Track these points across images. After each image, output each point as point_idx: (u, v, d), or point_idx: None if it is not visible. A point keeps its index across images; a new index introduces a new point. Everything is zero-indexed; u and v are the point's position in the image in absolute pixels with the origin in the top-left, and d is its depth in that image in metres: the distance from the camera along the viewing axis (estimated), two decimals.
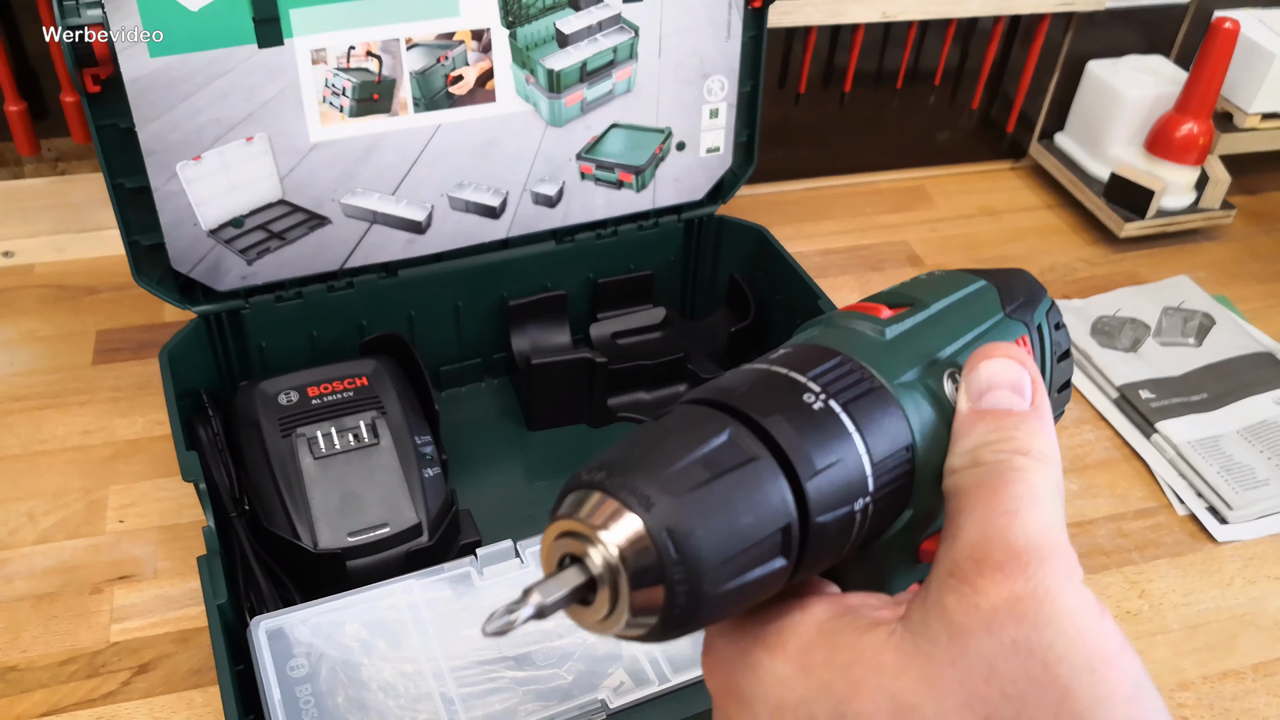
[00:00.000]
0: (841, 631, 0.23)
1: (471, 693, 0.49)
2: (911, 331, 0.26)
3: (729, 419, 0.23)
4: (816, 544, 0.23)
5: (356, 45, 0.61)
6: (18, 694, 0.56)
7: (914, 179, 1.05)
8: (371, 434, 0.60)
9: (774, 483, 0.22)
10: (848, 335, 0.26)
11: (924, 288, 0.28)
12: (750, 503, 0.22)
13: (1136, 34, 1.02)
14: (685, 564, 0.21)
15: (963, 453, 0.24)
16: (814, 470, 0.22)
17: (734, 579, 0.21)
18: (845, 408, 0.23)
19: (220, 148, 0.60)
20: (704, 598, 0.21)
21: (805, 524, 0.22)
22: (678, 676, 0.50)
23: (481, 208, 0.69)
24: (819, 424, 0.23)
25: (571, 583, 0.22)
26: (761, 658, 0.23)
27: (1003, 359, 0.25)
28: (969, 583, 0.21)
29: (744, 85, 0.72)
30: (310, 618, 0.51)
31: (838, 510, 0.23)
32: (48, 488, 0.67)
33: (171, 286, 0.64)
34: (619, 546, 0.21)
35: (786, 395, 0.23)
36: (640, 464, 0.22)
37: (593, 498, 0.22)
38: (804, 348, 0.25)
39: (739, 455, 0.22)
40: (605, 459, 0.22)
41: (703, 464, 0.22)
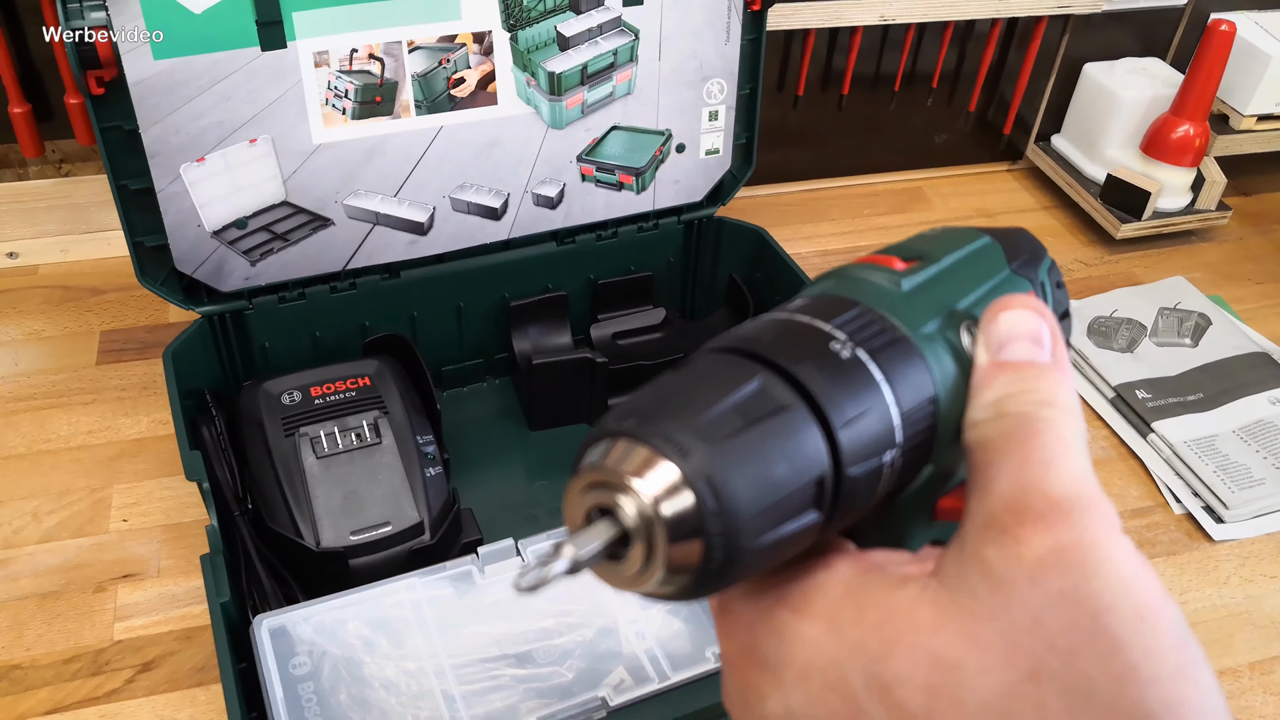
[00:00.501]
0: (870, 589, 0.22)
1: (473, 690, 0.49)
2: (927, 284, 0.26)
3: (758, 366, 0.22)
4: (848, 497, 0.22)
5: (359, 48, 0.61)
6: (22, 692, 0.56)
7: (911, 181, 1.05)
8: (374, 433, 0.61)
9: (808, 432, 0.21)
10: (865, 286, 0.25)
11: (931, 243, 0.28)
12: (785, 452, 0.21)
13: (1133, 36, 1.02)
14: (724, 515, 0.20)
15: (985, 405, 0.23)
16: (846, 419, 0.21)
17: (770, 532, 0.21)
18: (873, 356, 0.23)
19: (224, 149, 0.61)
20: (741, 552, 0.20)
21: (838, 476, 0.21)
22: (678, 674, 0.50)
23: (483, 209, 0.69)
24: (848, 373, 0.22)
25: (604, 536, 0.20)
26: (786, 619, 0.22)
27: (1022, 310, 0.25)
28: (1010, 534, 0.21)
29: (743, 88, 0.73)
30: (313, 616, 0.52)
31: (868, 462, 0.22)
32: (52, 487, 0.67)
33: (175, 287, 0.64)
34: (654, 496, 0.20)
35: (814, 343, 0.23)
36: (672, 411, 0.21)
37: (621, 445, 0.21)
38: (823, 298, 0.25)
39: (771, 403, 0.21)
40: (632, 405, 0.21)
41: (736, 412, 0.21)
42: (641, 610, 0.54)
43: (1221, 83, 0.91)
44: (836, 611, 0.22)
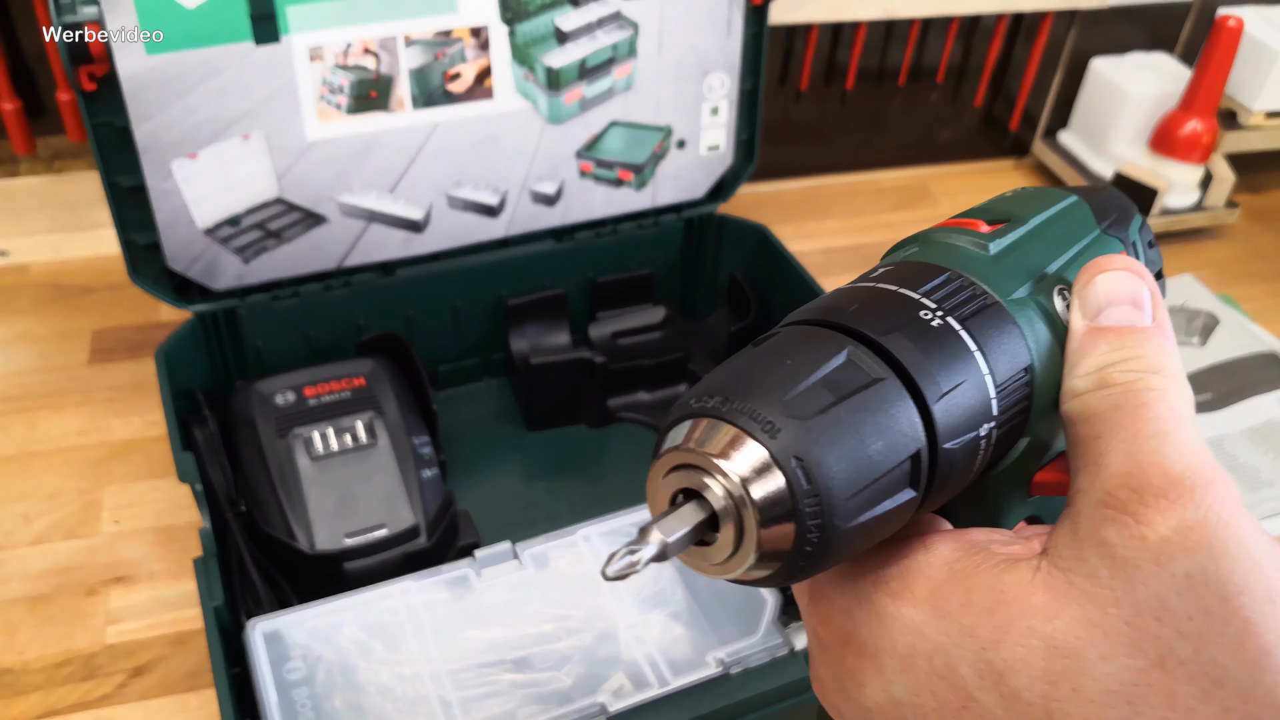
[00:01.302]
0: (976, 571, 0.21)
1: (470, 696, 0.49)
2: (1015, 246, 0.24)
3: (845, 338, 0.21)
4: (944, 474, 0.21)
5: (354, 42, 0.60)
6: (13, 696, 0.56)
7: (916, 177, 1.04)
8: (369, 434, 0.60)
9: (902, 406, 0.20)
10: (951, 251, 0.24)
11: (1017, 204, 0.26)
12: (879, 428, 0.20)
13: (1140, 31, 1.01)
14: (818, 495, 0.19)
15: (1086, 374, 0.22)
16: (941, 392, 0.21)
17: (865, 512, 0.20)
18: (964, 324, 0.22)
19: (216, 146, 0.60)
20: (836, 534, 0.20)
21: (934, 451, 0.21)
22: (678, 680, 0.50)
23: (480, 206, 0.68)
24: (940, 342, 0.21)
25: (692, 520, 0.20)
26: (886, 604, 0.22)
27: (1120, 271, 0.23)
28: (1130, 513, 0.20)
29: (745, 82, 0.72)
30: (307, 620, 0.51)
31: (965, 436, 0.21)
32: (43, 489, 0.67)
33: (167, 286, 0.63)
34: (743, 477, 0.19)
35: (902, 312, 0.22)
36: (757, 388, 0.20)
37: (705, 426, 0.20)
38: (908, 264, 0.24)
39: (862, 376, 0.20)
40: (714, 383, 0.20)
41: (825, 386, 0.20)
42: (641, 615, 0.53)
43: (1230, 78, 0.90)
44: (941, 596, 0.21)
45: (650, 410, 0.74)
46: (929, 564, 0.22)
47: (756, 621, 0.52)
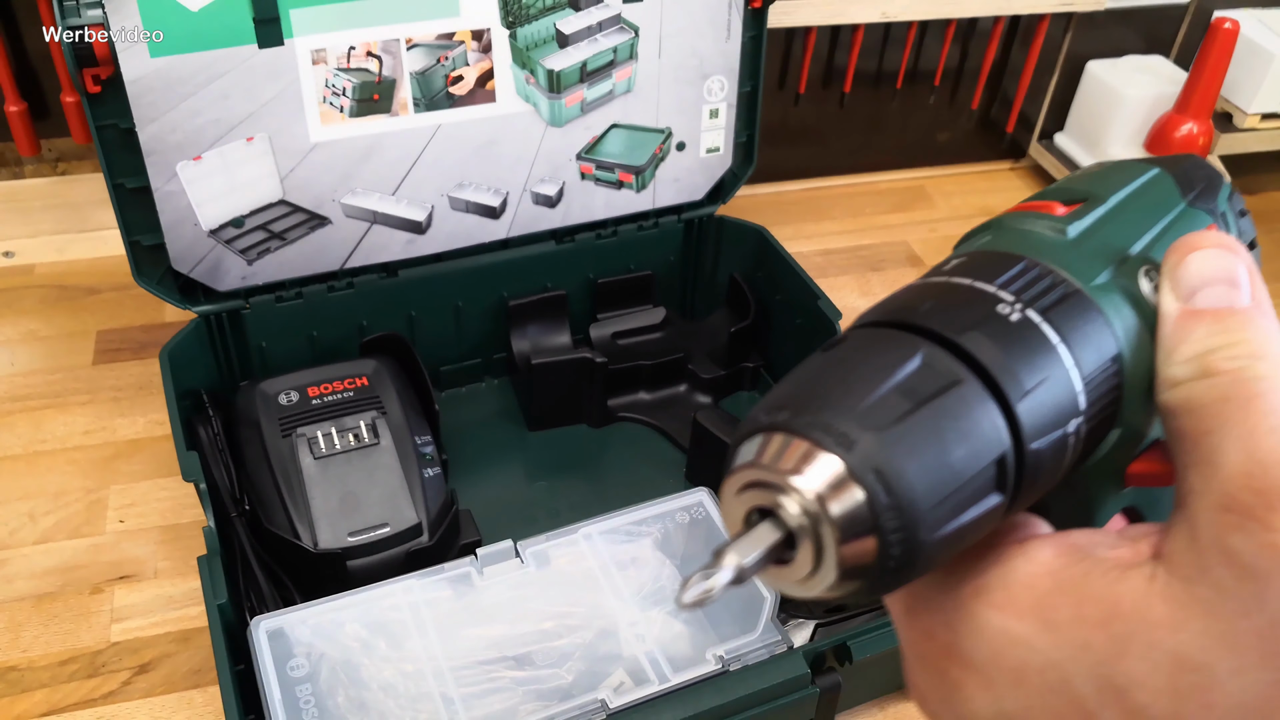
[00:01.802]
0: (1086, 580, 0.20)
1: (472, 693, 0.49)
2: (1095, 227, 0.23)
3: (918, 339, 0.20)
4: (1031, 475, 0.20)
5: (357, 45, 0.61)
6: (18, 694, 0.56)
7: (914, 179, 1.05)
8: (371, 434, 0.60)
9: (983, 408, 0.19)
10: (1026, 237, 0.23)
11: (1095, 181, 0.25)
12: (960, 433, 0.19)
13: (1136, 34, 1.02)
14: (899, 508, 0.18)
15: (1185, 361, 0.21)
16: (1024, 390, 0.19)
17: (950, 522, 0.19)
18: (1045, 316, 0.20)
19: (220, 148, 0.60)
20: (920, 546, 0.19)
21: (1019, 453, 0.20)
22: (678, 676, 0.50)
23: (482, 208, 0.69)
24: (1020, 337, 0.20)
25: (768, 540, 0.19)
26: (990, 617, 0.20)
27: (1212, 249, 0.22)
28: (1257, 519, 0.18)
29: (744, 85, 0.72)
30: (310, 618, 0.51)
31: (1052, 434, 0.20)
32: (48, 487, 0.67)
33: (172, 287, 0.64)
34: (819, 493, 0.18)
35: (978, 308, 0.20)
36: (828, 398, 0.19)
37: (777, 441, 0.19)
38: (981, 255, 0.22)
39: (940, 379, 0.19)
40: (783, 396, 0.19)
41: (900, 392, 0.19)
42: (641, 612, 0.53)
43: (1225, 81, 0.90)
44: (1049, 607, 0.20)
45: (650, 410, 0.74)
46: (1031, 573, 0.21)
47: (755, 619, 0.53)
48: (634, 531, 0.57)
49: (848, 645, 0.50)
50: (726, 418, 0.68)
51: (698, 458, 0.69)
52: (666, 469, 0.71)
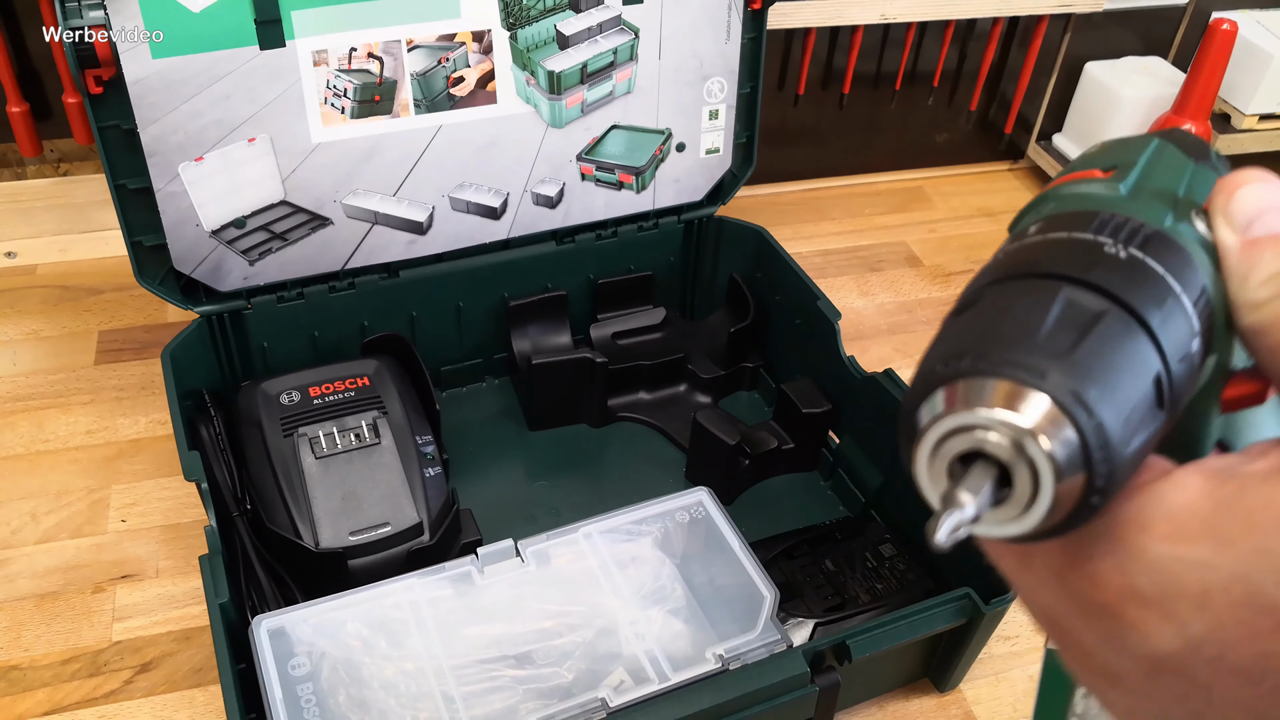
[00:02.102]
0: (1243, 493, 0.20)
1: (472, 691, 0.49)
2: (1141, 182, 0.24)
3: (1054, 282, 0.21)
4: (1177, 394, 0.21)
5: (358, 47, 0.61)
6: (20, 693, 0.56)
7: (912, 180, 1.05)
8: (373, 434, 0.61)
9: (1134, 333, 0.20)
10: (1089, 198, 0.24)
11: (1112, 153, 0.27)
12: (1126, 356, 0.20)
13: (1134, 35, 1.02)
14: (1100, 428, 0.19)
15: (1262, 283, 0.22)
16: (1156, 314, 0.21)
17: (1136, 438, 0.20)
18: (1145, 252, 0.22)
19: (222, 149, 0.60)
20: (1120, 462, 0.20)
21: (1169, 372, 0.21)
22: (678, 675, 0.50)
23: (482, 208, 0.69)
24: (1135, 270, 0.21)
25: (988, 477, 0.19)
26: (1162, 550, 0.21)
27: (1255, 184, 0.24)
28: None
29: (743, 87, 0.72)
30: (311, 616, 0.51)
31: (1185, 353, 0.21)
32: (50, 487, 0.67)
33: (174, 287, 0.64)
34: (1027, 424, 0.19)
35: (1089, 252, 0.22)
36: (1003, 339, 0.20)
37: (966, 385, 0.20)
38: (1058, 217, 0.24)
39: (1090, 312, 0.20)
40: (950, 350, 0.20)
41: (1063, 326, 0.20)
42: (641, 611, 0.53)
43: (1223, 82, 0.91)
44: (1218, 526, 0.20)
45: (650, 410, 0.75)
46: (1189, 500, 0.21)
47: (755, 618, 0.53)
48: (634, 531, 0.57)
49: (847, 644, 0.50)
50: (726, 418, 0.68)
51: (698, 458, 0.69)
52: (666, 469, 0.71)
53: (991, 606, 0.53)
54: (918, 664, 0.59)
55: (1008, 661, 0.61)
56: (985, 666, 0.61)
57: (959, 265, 0.94)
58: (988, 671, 0.61)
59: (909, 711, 0.58)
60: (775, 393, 0.73)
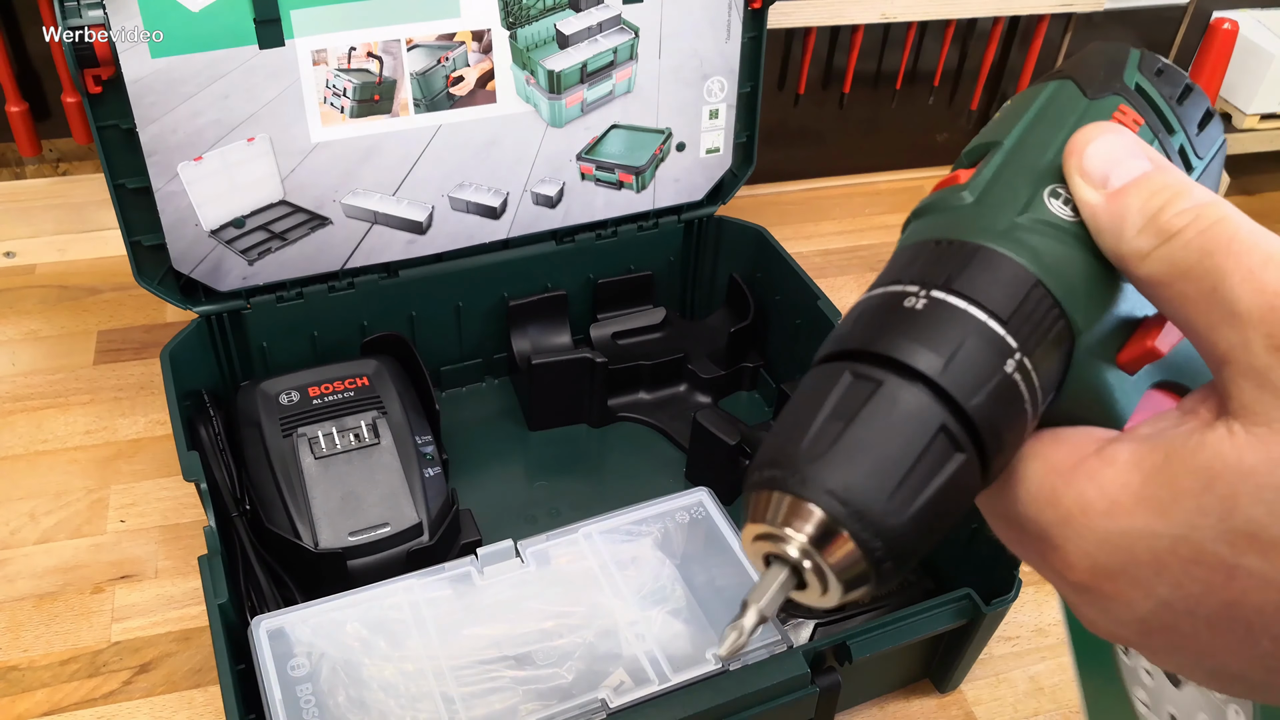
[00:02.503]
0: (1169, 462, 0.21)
1: (472, 692, 0.49)
2: (994, 178, 0.25)
3: (844, 364, 0.23)
4: (991, 424, 0.22)
5: (357, 46, 0.61)
6: (19, 693, 0.56)
7: (913, 180, 1.05)
8: (372, 434, 0.61)
9: (906, 395, 0.22)
10: (936, 218, 0.25)
11: (997, 125, 0.27)
12: (891, 428, 0.21)
13: (1135, 35, 1.02)
14: (859, 511, 0.21)
15: (1138, 233, 0.22)
16: (939, 364, 0.22)
17: (916, 499, 0.21)
18: (948, 289, 0.23)
19: (221, 148, 0.60)
20: (897, 532, 0.21)
21: (961, 414, 0.22)
22: (678, 676, 0.50)
23: (482, 208, 0.69)
24: (928, 318, 0.22)
25: (777, 579, 0.22)
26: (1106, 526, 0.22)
27: (1100, 137, 0.23)
28: None
29: (743, 86, 0.72)
30: (311, 617, 0.51)
31: (988, 384, 0.22)
32: (49, 487, 0.67)
33: (173, 287, 0.64)
34: (796, 528, 0.21)
35: (888, 310, 0.23)
36: (785, 445, 0.22)
37: (760, 497, 0.22)
38: (897, 257, 0.25)
39: (863, 391, 0.22)
40: (761, 453, 0.23)
41: (834, 417, 0.22)
42: (641, 612, 0.53)
43: (1224, 81, 0.91)
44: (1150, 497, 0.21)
45: (650, 410, 0.74)
46: (1120, 475, 0.22)
47: None
48: (634, 531, 0.57)
49: (847, 645, 0.50)
50: (726, 418, 0.68)
51: (698, 458, 0.69)
52: (666, 469, 0.71)
53: (992, 607, 0.53)
54: (918, 665, 0.58)
55: (1008, 662, 0.61)
56: (986, 667, 0.61)
57: None
58: (988, 672, 0.60)
59: (909, 712, 0.58)
60: (775, 393, 0.73)
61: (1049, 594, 0.65)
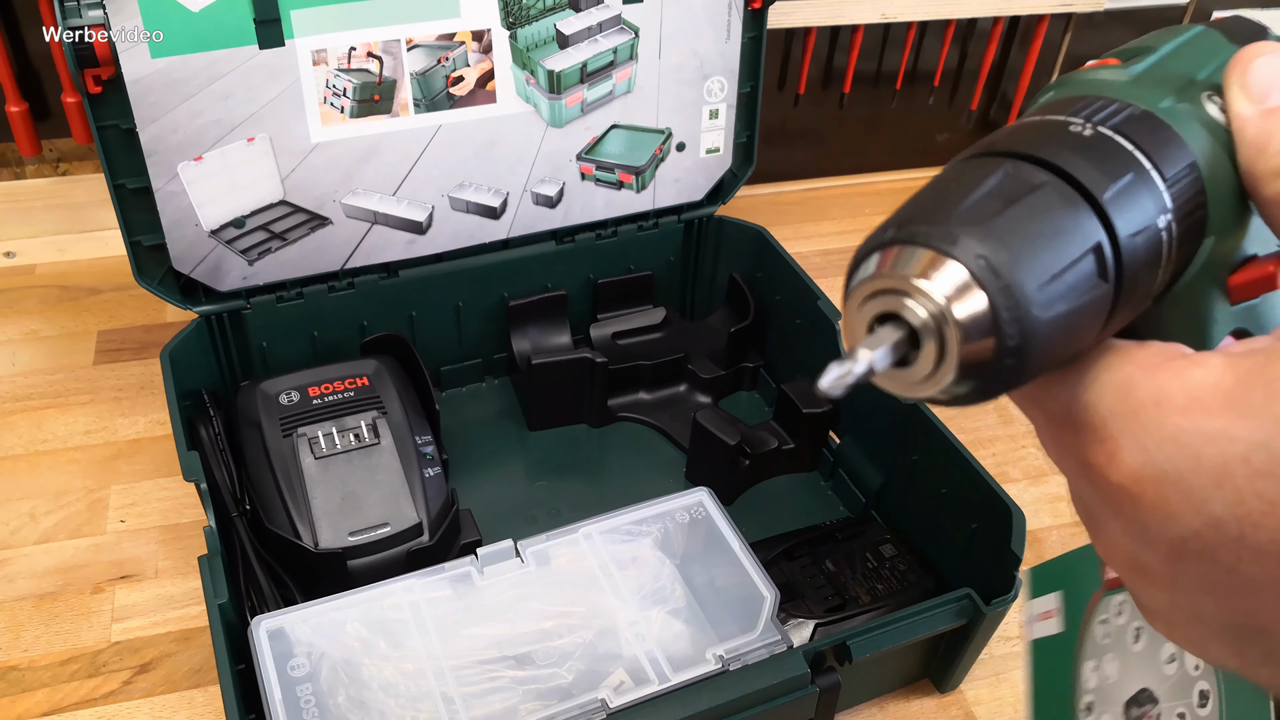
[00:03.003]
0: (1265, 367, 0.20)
1: (472, 692, 0.49)
2: (1153, 67, 0.25)
3: (1002, 159, 0.22)
4: (1132, 266, 0.21)
5: (357, 46, 0.61)
6: (19, 693, 0.56)
7: (913, 179, 1.05)
8: (372, 434, 0.61)
9: (1071, 202, 0.21)
10: (1089, 84, 0.25)
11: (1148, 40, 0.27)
12: (1055, 223, 0.21)
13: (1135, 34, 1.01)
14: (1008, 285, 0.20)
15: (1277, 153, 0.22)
16: (1106, 186, 0.21)
17: (1057, 306, 0.20)
18: (1116, 129, 0.22)
19: (221, 148, 0.60)
20: (1034, 324, 0.20)
21: (1115, 243, 0.21)
22: (678, 676, 0.50)
23: (482, 208, 0.69)
24: (1097, 146, 0.22)
25: (893, 337, 0.21)
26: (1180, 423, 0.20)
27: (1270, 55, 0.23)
28: None
29: (744, 86, 0.72)
30: (311, 617, 0.51)
31: (1143, 226, 0.21)
32: (49, 487, 0.67)
33: (173, 287, 0.64)
34: (932, 285, 0.20)
35: (1052, 131, 0.23)
36: (930, 212, 0.21)
37: (893, 251, 0.21)
38: (1049, 103, 0.24)
39: (1024, 184, 0.21)
40: (890, 220, 0.22)
41: (992, 197, 0.21)
42: (641, 612, 0.53)
43: None
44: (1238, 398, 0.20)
45: (650, 410, 0.74)
46: (1209, 375, 0.20)
47: (755, 618, 0.53)
48: (634, 531, 0.57)
49: (847, 645, 0.50)
50: (726, 418, 0.68)
51: (698, 458, 0.69)
52: (666, 469, 0.71)
53: (992, 607, 0.53)
54: (918, 665, 0.58)
55: (1008, 662, 0.61)
56: (986, 667, 0.61)
57: None
58: (988, 672, 0.60)
59: (909, 712, 0.58)
60: (775, 393, 0.73)
61: None
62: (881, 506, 0.66)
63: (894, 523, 0.65)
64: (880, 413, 0.64)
